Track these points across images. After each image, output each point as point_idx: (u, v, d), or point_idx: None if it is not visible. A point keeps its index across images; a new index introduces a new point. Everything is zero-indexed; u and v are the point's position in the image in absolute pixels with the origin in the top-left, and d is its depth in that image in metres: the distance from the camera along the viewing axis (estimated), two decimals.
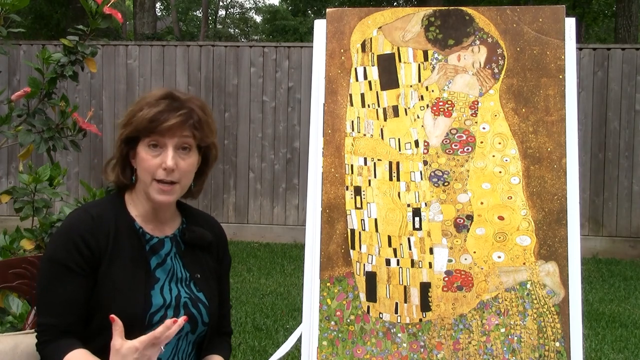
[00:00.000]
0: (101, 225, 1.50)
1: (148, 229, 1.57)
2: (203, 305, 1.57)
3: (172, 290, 1.54)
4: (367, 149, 1.91)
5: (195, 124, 1.53)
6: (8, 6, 2.20)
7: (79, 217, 1.52)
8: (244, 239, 7.34)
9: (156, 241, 1.56)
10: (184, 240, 1.61)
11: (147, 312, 1.48)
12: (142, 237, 1.54)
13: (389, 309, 1.84)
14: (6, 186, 7.20)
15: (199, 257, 1.63)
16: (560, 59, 1.86)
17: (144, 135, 1.50)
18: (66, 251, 1.46)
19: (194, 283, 1.59)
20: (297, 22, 25.23)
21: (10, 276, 1.75)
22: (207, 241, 1.64)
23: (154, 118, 1.48)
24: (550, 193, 1.82)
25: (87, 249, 1.46)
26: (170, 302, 1.52)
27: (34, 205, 2.22)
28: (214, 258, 1.67)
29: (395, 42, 1.94)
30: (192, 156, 1.55)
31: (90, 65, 2.35)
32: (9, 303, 2.05)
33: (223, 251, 1.71)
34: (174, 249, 1.59)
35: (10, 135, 2.31)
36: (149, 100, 1.53)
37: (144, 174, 1.52)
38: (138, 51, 7.58)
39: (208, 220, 1.73)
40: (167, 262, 1.56)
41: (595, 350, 4.12)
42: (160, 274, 1.54)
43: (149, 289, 1.50)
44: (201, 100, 1.60)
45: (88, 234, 1.47)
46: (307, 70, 7.29)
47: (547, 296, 1.79)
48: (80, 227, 1.48)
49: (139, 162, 1.52)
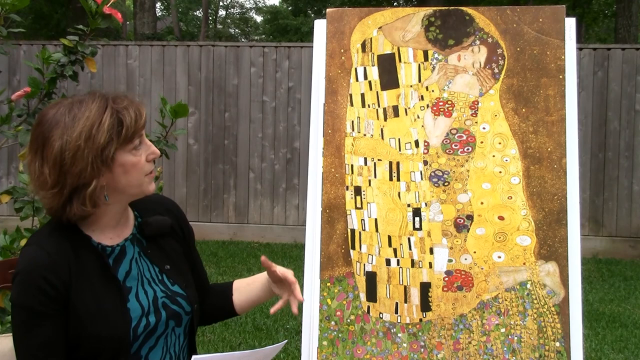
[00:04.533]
0: (59, 259, 1.40)
1: (106, 240, 1.49)
2: (181, 297, 1.54)
3: (148, 293, 1.50)
4: (367, 149, 1.91)
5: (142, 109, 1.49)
6: (8, 6, 2.20)
7: (34, 257, 1.40)
8: (244, 239, 7.34)
9: (118, 251, 1.49)
10: (144, 235, 1.56)
11: (129, 328, 1.43)
12: (103, 252, 1.47)
13: (389, 309, 1.84)
14: (6, 186, 7.20)
15: (163, 247, 1.58)
16: (561, 59, 1.86)
17: (128, 140, 1.42)
18: (31, 296, 1.37)
19: (166, 276, 1.55)
20: (298, 22, 25.23)
21: (10, 276, 1.75)
22: (167, 227, 1.59)
23: (135, 118, 1.42)
24: (550, 193, 1.82)
25: (52, 288, 1.37)
26: (149, 308, 1.48)
27: (34, 205, 2.22)
28: (178, 238, 1.63)
29: (395, 42, 1.94)
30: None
31: (90, 65, 2.35)
32: (9, 303, 2.05)
33: (183, 225, 1.66)
34: (136, 249, 1.53)
35: (10, 135, 2.31)
36: (94, 120, 1.37)
37: (135, 175, 1.44)
38: (138, 51, 7.58)
39: (158, 201, 1.66)
40: (133, 266, 1.50)
41: (595, 350, 4.12)
42: (131, 282, 1.49)
43: (124, 303, 1.45)
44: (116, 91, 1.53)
45: (49, 273, 1.37)
46: (307, 70, 7.29)
47: (547, 296, 1.79)
48: (39, 269, 1.38)
49: (128, 169, 1.42)
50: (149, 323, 1.47)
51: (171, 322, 1.52)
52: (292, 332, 4.31)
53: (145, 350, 1.48)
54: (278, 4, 30.22)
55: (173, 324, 1.53)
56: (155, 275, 1.54)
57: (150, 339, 1.48)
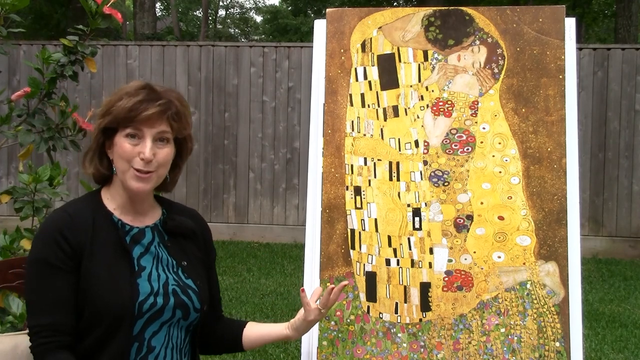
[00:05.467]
0: (79, 221, 1.50)
1: (127, 220, 1.56)
2: (193, 292, 1.57)
3: (160, 277, 1.54)
4: (367, 149, 1.91)
5: (174, 115, 1.53)
6: (8, 6, 2.20)
7: (56, 216, 1.53)
8: (244, 239, 7.34)
9: (136, 231, 1.56)
10: (166, 229, 1.60)
11: (135, 301, 1.47)
12: (122, 228, 1.54)
13: (389, 309, 1.84)
14: (6, 186, 7.20)
15: (184, 246, 1.62)
16: (560, 59, 1.86)
17: (123, 125, 1.50)
18: (48, 248, 1.46)
19: (181, 270, 1.58)
20: (298, 22, 25.23)
21: (10, 276, 1.75)
22: (190, 229, 1.64)
23: (133, 107, 1.49)
24: (550, 193, 1.82)
25: (67, 245, 1.46)
26: (158, 289, 1.51)
27: (34, 205, 2.22)
28: (200, 248, 1.67)
29: (395, 42, 1.94)
30: (169, 147, 1.55)
31: (90, 65, 2.35)
32: (9, 303, 2.05)
33: (208, 243, 1.71)
34: (157, 238, 1.58)
35: (10, 135, 2.31)
36: (128, 90, 1.53)
37: (121, 162, 1.51)
38: (138, 51, 7.58)
39: (190, 211, 1.72)
40: (151, 249, 1.56)
41: (595, 350, 4.12)
42: (145, 262, 1.54)
43: (135, 278, 1.50)
44: (178, 93, 1.61)
45: (66, 230, 1.48)
46: (307, 70, 7.29)
47: (547, 296, 1.79)
48: (58, 225, 1.49)
49: (117, 151, 1.52)
50: (156, 303, 1.50)
51: (178, 312, 1.53)
52: None
53: (148, 334, 1.49)
54: (278, 4, 30.22)
55: (180, 315, 1.54)
56: (171, 266, 1.58)
57: (155, 323, 1.50)
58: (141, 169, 1.50)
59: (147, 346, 1.49)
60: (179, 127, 1.55)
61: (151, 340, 1.50)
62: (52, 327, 1.44)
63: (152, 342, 1.50)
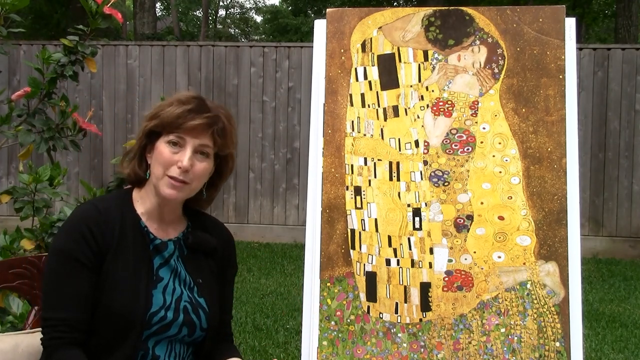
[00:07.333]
0: (108, 219, 1.50)
1: (152, 228, 1.56)
2: (203, 311, 1.57)
3: (175, 291, 1.54)
4: (367, 149, 1.91)
5: (219, 131, 1.53)
6: (8, 6, 2.20)
7: (86, 210, 1.52)
8: (244, 239, 7.34)
9: (159, 242, 1.56)
10: (187, 244, 1.60)
11: (147, 312, 1.47)
12: (147, 236, 1.54)
13: (389, 309, 1.84)
14: (6, 186, 7.20)
15: (202, 263, 1.62)
16: (561, 59, 1.86)
17: (167, 130, 1.50)
18: (75, 242, 1.45)
19: (196, 288, 1.58)
20: (298, 22, 25.23)
21: (11, 276, 1.75)
22: (211, 246, 1.63)
23: (181, 115, 1.49)
24: (550, 193, 1.82)
25: (95, 242, 1.46)
26: (170, 304, 1.51)
27: (34, 205, 2.22)
28: (218, 263, 1.66)
29: (395, 42, 1.94)
30: (209, 162, 1.55)
31: (90, 65, 2.35)
32: (9, 303, 2.05)
33: (229, 259, 1.70)
34: (177, 252, 1.58)
35: (10, 135, 2.31)
36: (180, 98, 1.54)
37: (157, 167, 1.51)
38: (138, 51, 7.59)
39: (217, 226, 1.72)
40: (170, 262, 1.56)
41: (595, 350, 4.12)
42: (164, 273, 1.54)
43: (151, 288, 1.50)
44: (228, 110, 1.61)
45: (96, 227, 1.47)
46: (307, 70, 7.29)
47: (547, 296, 1.79)
48: (88, 220, 1.48)
49: (156, 156, 1.52)
50: (166, 317, 1.50)
51: (184, 329, 1.53)
52: (292, 332, 4.31)
53: (152, 343, 1.50)
54: (278, 4, 30.22)
55: (186, 332, 1.54)
56: (187, 282, 1.57)
57: (160, 335, 1.50)
58: (176, 177, 1.50)
59: (151, 355, 1.50)
60: (222, 143, 1.55)
61: (155, 349, 1.50)
62: (67, 322, 1.44)
63: (157, 351, 1.51)
